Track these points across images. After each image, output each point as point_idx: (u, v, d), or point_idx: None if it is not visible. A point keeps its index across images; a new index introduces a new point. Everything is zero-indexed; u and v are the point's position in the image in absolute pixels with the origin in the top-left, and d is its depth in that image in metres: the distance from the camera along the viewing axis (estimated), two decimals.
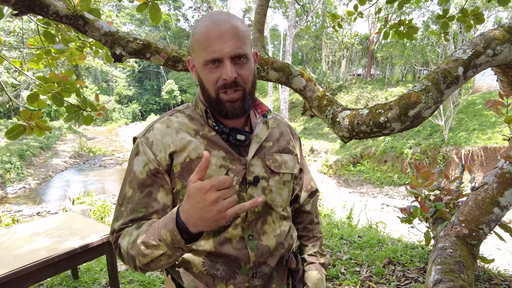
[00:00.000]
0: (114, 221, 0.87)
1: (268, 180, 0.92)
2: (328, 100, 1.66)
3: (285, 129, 1.06)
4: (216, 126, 0.88)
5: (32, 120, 1.94)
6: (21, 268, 1.89)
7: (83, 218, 2.75)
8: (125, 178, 0.89)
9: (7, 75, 12.43)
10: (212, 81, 0.81)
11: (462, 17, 2.32)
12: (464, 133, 13.35)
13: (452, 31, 15.34)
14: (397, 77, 25.15)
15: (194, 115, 0.92)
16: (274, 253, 0.93)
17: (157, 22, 1.99)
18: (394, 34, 2.70)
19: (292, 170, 0.99)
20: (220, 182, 0.63)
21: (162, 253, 0.72)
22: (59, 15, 1.38)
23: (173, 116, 0.92)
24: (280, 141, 1.00)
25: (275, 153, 0.96)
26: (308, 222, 1.13)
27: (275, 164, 0.95)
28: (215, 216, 0.63)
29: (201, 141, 0.87)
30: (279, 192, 0.96)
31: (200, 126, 0.90)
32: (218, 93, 0.82)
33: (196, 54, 0.83)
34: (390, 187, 13.12)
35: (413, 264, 2.66)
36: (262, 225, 0.92)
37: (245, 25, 0.84)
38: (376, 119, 1.48)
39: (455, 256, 1.92)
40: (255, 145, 0.92)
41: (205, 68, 0.81)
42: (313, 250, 1.10)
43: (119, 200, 0.89)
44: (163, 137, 0.87)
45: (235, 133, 0.88)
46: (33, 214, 9.52)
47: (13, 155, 14.08)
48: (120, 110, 36.54)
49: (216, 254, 0.87)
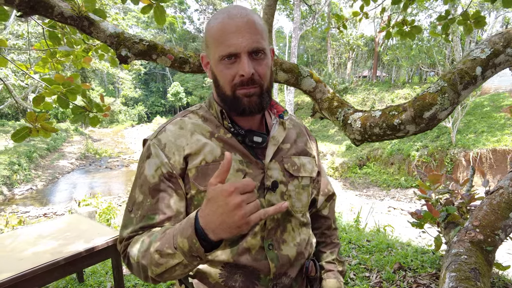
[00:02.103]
0: (123, 228, 0.82)
1: (287, 185, 0.87)
2: (338, 102, 1.61)
3: (302, 130, 1.01)
4: (232, 127, 0.84)
5: (38, 122, 1.92)
6: (26, 272, 1.88)
7: (88, 221, 2.74)
8: (135, 183, 0.84)
9: (14, 78, 12.56)
10: (228, 77, 0.77)
11: (463, 20, 2.27)
12: (472, 135, 13.17)
13: (459, 33, 15.18)
14: (403, 79, 24.96)
15: (208, 116, 0.87)
16: (294, 263, 0.88)
17: (162, 24, 1.97)
18: (396, 33, 2.66)
19: (311, 173, 0.94)
20: (243, 185, 0.58)
21: (178, 262, 0.67)
22: (64, 16, 1.36)
23: (186, 117, 0.88)
24: (297, 142, 0.95)
25: (293, 156, 0.91)
26: (326, 227, 1.08)
27: (294, 168, 0.90)
28: (237, 222, 0.58)
29: (217, 144, 0.83)
30: (298, 197, 0.90)
31: (215, 127, 0.85)
32: (235, 90, 0.77)
33: (211, 49, 0.78)
34: (397, 190, 12.99)
35: (425, 270, 2.59)
36: (281, 233, 0.87)
37: (262, 20, 0.80)
38: (389, 121, 1.43)
39: (470, 263, 1.86)
40: (272, 148, 0.87)
41: (220, 64, 0.77)
42: (331, 257, 1.05)
43: (128, 206, 0.84)
44: (177, 139, 0.82)
45: (252, 135, 0.84)
46: (40, 216, 9.59)
47: (21, 156, 14.21)
48: (126, 112, 36.80)
49: (234, 265, 0.81)
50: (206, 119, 0.87)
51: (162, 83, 41.43)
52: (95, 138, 26.31)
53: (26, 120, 1.88)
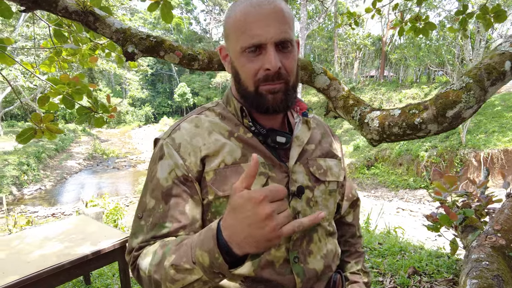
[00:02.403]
0: (132, 237, 0.74)
1: (313, 190, 0.79)
2: (354, 100, 1.54)
3: (326, 130, 0.92)
4: (252, 126, 0.76)
5: (43, 123, 1.88)
6: (32, 275, 1.86)
7: (95, 222, 2.71)
8: (146, 187, 0.76)
9: (23, 79, 12.70)
10: (251, 71, 0.68)
11: (482, 15, 2.17)
12: (483, 135, 12.93)
13: (469, 31, 14.92)
14: (411, 78, 24.69)
15: (226, 114, 0.79)
16: (321, 277, 0.80)
17: (169, 22, 1.91)
18: (410, 29, 2.57)
19: (338, 178, 0.86)
20: (274, 191, 0.50)
21: (196, 278, 0.59)
22: (68, 11, 1.31)
23: (202, 114, 0.80)
24: (322, 143, 0.87)
25: (318, 158, 0.83)
26: (350, 235, 1.00)
27: (320, 171, 0.81)
28: (267, 235, 0.50)
29: (237, 144, 0.75)
30: (325, 203, 0.82)
31: (234, 126, 0.77)
32: (258, 85, 0.69)
33: (232, 41, 0.70)
34: (406, 191, 12.82)
35: (441, 275, 2.50)
36: (307, 244, 0.78)
37: (289, 7, 0.72)
38: (409, 120, 1.35)
39: (492, 269, 1.77)
40: (297, 149, 0.78)
41: (242, 57, 0.69)
42: (356, 267, 0.96)
43: (138, 212, 0.76)
44: (192, 138, 0.75)
45: (275, 134, 0.76)
46: (48, 216, 9.67)
47: (30, 156, 14.36)
48: (133, 113, 37.07)
49: (255, 280, 0.73)
50: (224, 117, 0.79)
51: (168, 84, 41.62)
52: (102, 139, 26.51)
53: (31, 121, 1.85)
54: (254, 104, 0.72)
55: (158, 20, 35.92)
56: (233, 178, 0.72)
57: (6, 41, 1.99)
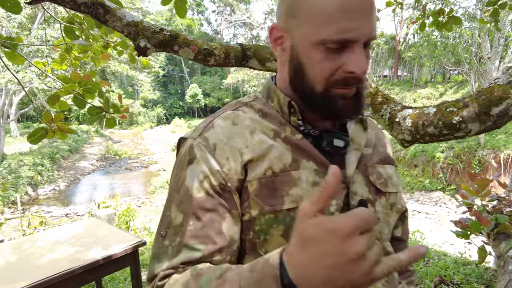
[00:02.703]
0: (154, 262, 0.58)
1: (374, 204, 0.65)
2: (383, 97, 1.41)
3: (379, 131, 0.78)
4: (301, 125, 0.63)
5: (54, 123, 1.82)
6: (41, 281, 1.80)
7: (106, 226, 2.66)
8: (170, 198, 0.61)
9: (38, 81, 12.92)
10: (327, 71, 0.55)
11: None
12: (502, 135, 12.51)
13: (487, 30, 14.49)
14: (425, 78, 24.22)
15: (267, 110, 0.65)
16: None
17: (182, 16, 1.82)
18: (432, 24, 2.43)
19: (398, 188, 0.71)
20: (363, 219, 0.37)
21: None
22: (77, 3, 1.23)
23: (239, 110, 0.66)
24: (377, 147, 0.71)
25: (377, 165, 0.68)
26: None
27: (380, 181, 0.67)
28: (358, 280, 0.36)
29: (284, 147, 0.60)
30: (386, 219, 0.68)
31: (279, 125, 0.63)
32: (330, 87, 0.56)
33: (305, 25, 0.55)
34: (421, 193, 12.51)
35: (470, 285, 2.34)
36: None
37: None
38: (447, 119, 1.22)
39: None
40: (355, 154, 0.64)
41: (317, 50, 0.54)
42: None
43: (160, 229, 0.61)
44: (230, 139, 0.60)
45: (331, 137, 0.62)
46: (62, 216, 9.79)
47: (44, 157, 14.60)
48: (145, 114, 37.51)
49: None
50: (266, 114, 0.65)
51: (180, 85, 41.91)
52: (115, 140, 26.85)
53: (42, 120, 1.79)
54: (319, 108, 0.59)
55: (169, 21, 36.23)
56: (283, 189, 0.58)
57: (17, 39, 1.94)
